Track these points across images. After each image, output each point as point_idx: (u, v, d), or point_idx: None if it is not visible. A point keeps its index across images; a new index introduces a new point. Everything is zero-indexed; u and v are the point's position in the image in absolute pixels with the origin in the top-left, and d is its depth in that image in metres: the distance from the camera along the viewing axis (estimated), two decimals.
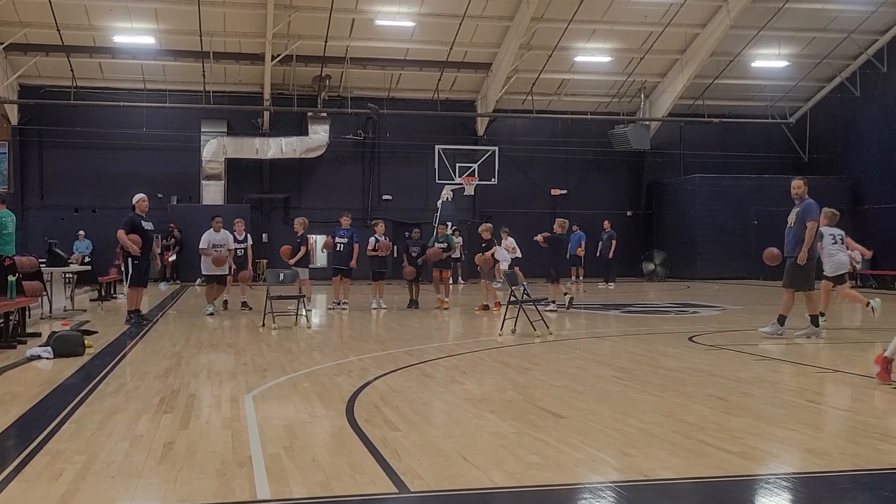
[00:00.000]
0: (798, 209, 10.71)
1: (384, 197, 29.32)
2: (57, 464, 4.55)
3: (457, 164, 27.19)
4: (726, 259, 27.31)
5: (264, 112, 27.66)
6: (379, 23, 25.31)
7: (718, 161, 30.41)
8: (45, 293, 13.03)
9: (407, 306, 16.01)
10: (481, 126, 29.86)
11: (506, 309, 12.02)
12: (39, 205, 27.22)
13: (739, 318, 13.67)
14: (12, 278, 10.19)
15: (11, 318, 9.98)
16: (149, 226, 12.94)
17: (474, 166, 27.37)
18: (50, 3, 21.89)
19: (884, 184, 27.38)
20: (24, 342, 9.83)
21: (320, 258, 26.66)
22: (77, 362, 8.46)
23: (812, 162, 30.17)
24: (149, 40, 25.36)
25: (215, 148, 27.43)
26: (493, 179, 27.43)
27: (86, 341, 9.27)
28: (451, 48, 25.54)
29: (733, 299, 18.52)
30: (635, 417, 5.80)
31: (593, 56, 27.57)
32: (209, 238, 14.96)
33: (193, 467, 4.49)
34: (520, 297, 11.47)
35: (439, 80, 27.01)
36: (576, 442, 5.05)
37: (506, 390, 6.92)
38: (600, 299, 18.84)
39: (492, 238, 15.66)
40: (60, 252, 15.47)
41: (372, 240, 16.05)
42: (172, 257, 25.38)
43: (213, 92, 25.41)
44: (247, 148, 27.83)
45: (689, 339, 10.75)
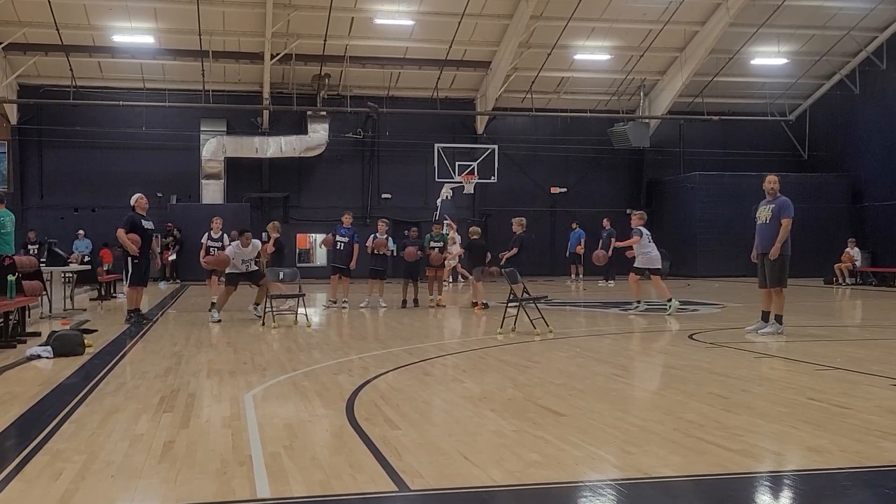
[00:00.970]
0: (773, 206, 10.74)
1: (384, 196, 29.31)
2: (57, 463, 4.54)
3: (456, 163, 27.20)
4: (726, 257, 27.25)
5: (264, 111, 27.65)
6: (378, 21, 25.31)
7: (718, 159, 30.41)
8: (44, 293, 13.03)
9: (401, 306, 15.71)
10: (481, 124, 29.85)
11: (505, 307, 12.02)
12: (39, 204, 27.23)
13: (740, 315, 13.65)
14: (12, 278, 10.19)
15: (11, 317, 9.98)
16: (149, 224, 12.92)
17: (474, 165, 27.37)
18: (49, 2, 21.88)
19: (883, 181, 27.39)
20: (24, 342, 9.82)
21: (320, 257, 26.65)
22: (77, 362, 8.45)
23: (812, 159, 30.19)
24: (148, 40, 25.36)
25: (215, 147, 27.43)
26: (492, 178, 27.43)
27: (85, 341, 9.26)
28: (450, 47, 25.52)
29: (733, 297, 18.51)
30: (635, 415, 5.80)
31: (592, 54, 27.57)
32: (235, 251, 13.25)
33: (193, 466, 4.49)
34: (520, 295, 11.47)
35: (438, 78, 27.00)
36: (576, 440, 5.04)
37: (506, 388, 6.91)
38: (600, 297, 18.84)
39: (479, 239, 15.90)
40: (60, 251, 15.46)
41: (371, 237, 16.04)
42: (172, 257, 25.37)
43: (212, 91, 25.41)
44: (246, 147, 27.83)
45: (690, 336, 10.75)
